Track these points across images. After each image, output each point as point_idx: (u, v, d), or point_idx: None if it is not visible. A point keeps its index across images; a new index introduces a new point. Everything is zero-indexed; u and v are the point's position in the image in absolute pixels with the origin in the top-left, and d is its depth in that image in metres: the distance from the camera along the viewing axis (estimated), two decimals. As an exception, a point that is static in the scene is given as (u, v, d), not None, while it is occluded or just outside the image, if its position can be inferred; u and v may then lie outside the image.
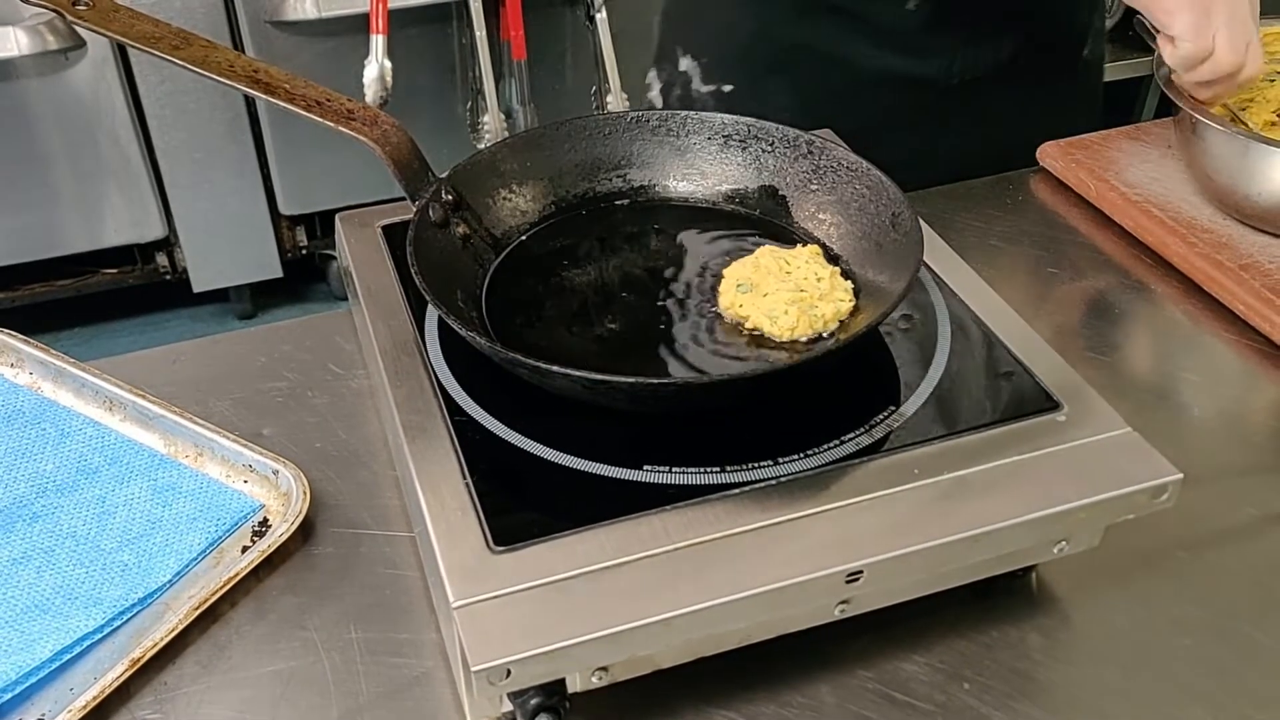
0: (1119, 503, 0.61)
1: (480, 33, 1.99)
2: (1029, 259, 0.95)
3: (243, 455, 0.73)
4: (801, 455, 0.62)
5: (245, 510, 0.71)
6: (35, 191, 2.09)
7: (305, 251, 2.37)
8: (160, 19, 0.73)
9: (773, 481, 0.61)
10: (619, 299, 0.74)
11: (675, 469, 0.61)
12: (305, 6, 2.01)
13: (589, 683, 0.58)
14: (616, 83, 2.06)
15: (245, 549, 0.69)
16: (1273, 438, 0.80)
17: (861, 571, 0.57)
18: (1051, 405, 0.65)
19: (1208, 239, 0.92)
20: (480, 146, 1.47)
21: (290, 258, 2.36)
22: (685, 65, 1.13)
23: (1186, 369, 0.86)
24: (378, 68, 1.88)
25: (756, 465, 0.62)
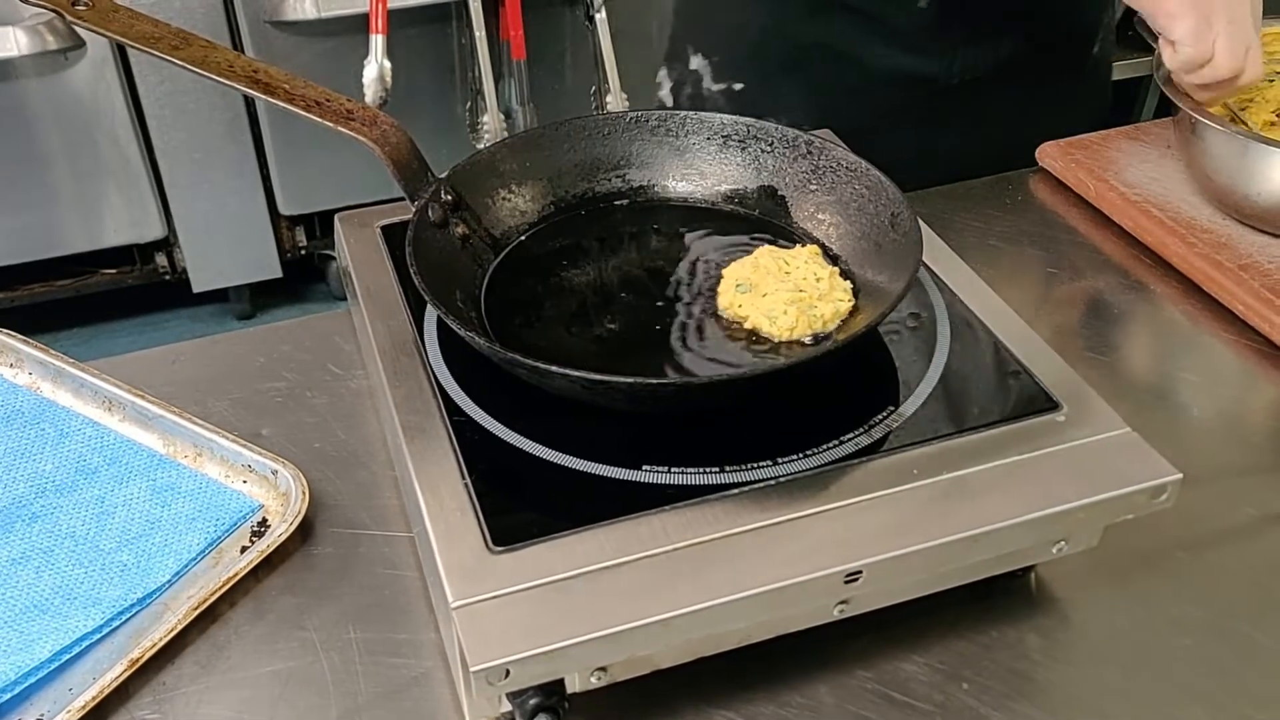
0: (1118, 503, 0.61)
1: (480, 33, 1.99)
2: (1028, 259, 0.95)
3: (242, 455, 0.73)
4: (800, 455, 0.62)
5: (244, 510, 0.71)
6: (35, 191, 2.09)
7: (305, 252, 2.37)
8: (159, 19, 0.73)
9: (772, 482, 0.61)
10: (618, 299, 0.74)
11: (674, 469, 0.61)
12: (305, 6, 2.01)
13: (588, 683, 0.58)
14: (616, 83, 2.06)
15: (244, 549, 0.69)
16: (1272, 438, 0.80)
17: (860, 572, 0.57)
18: (1051, 405, 0.65)
19: (1207, 239, 0.92)
20: (479, 146, 1.47)
21: (290, 258, 2.36)
22: (696, 64, 1.13)
23: (1186, 369, 0.86)
24: (377, 68, 1.88)
25: (755, 465, 0.61)
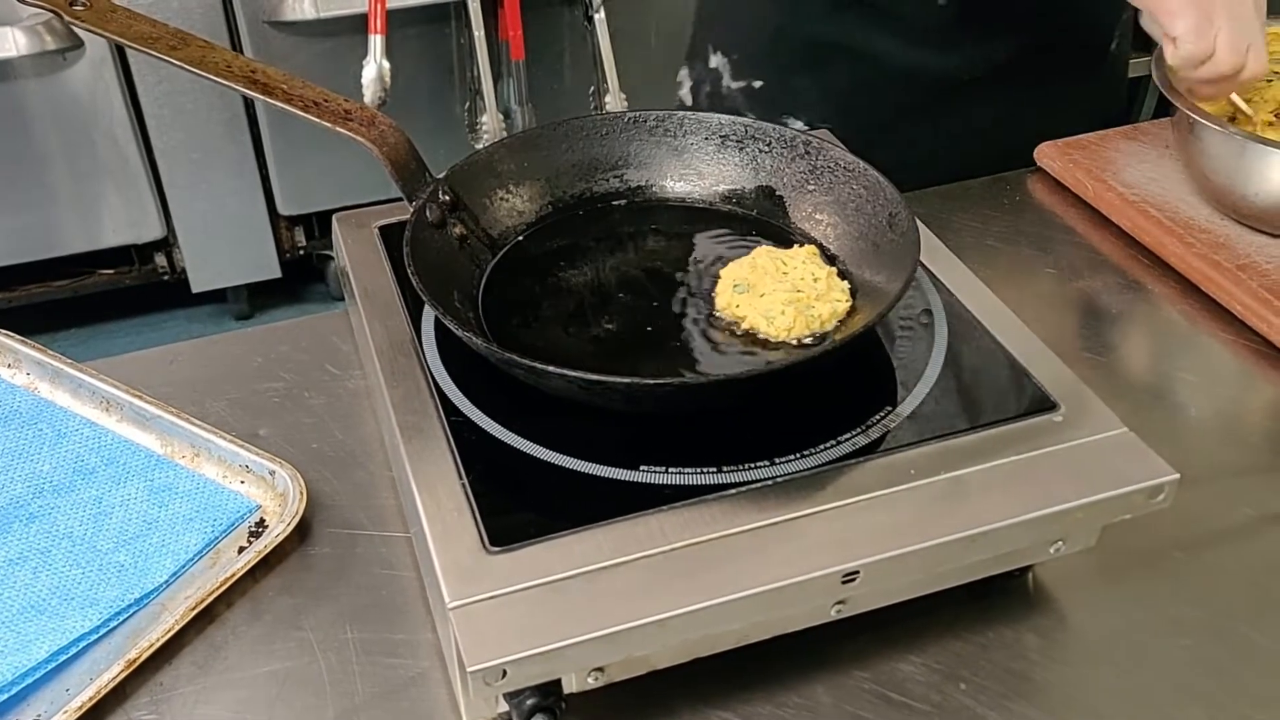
0: (1115, 503, 0.61)
1: (478, 33, 1.99)
2: (1026, 259, 0.95)
3: (239, 456, 0.73)
4: (798, 455, 0.62)
5: (242, 511, 0.71)
6: (33, 192, 2.09)
7: (304, 252, 2.37)
8: (157, 19, 0.73)
9: (769, 482, 0.61)
10: (616, 299, 0.74)
11: (672, 469, 0.61)
12: (303, 7, 2.01)
13: (585, 683, 0.58)
14: (615, 83, 2.06)
15: (242, 549, 0.69)
16: (1269, 438, 0.80)
17: (858, 572, 0.57)
18: (1048, 405, 0.65)
19: (1205, 239, 0.92)
20: (478, 147, 1.47)
21: (289, 258, 2.36)
22: (716, 62, 1.13)
23: (1183, 369, 0.86)
24: (376, 68, 1.88)
25: (753, 465, 0.61)
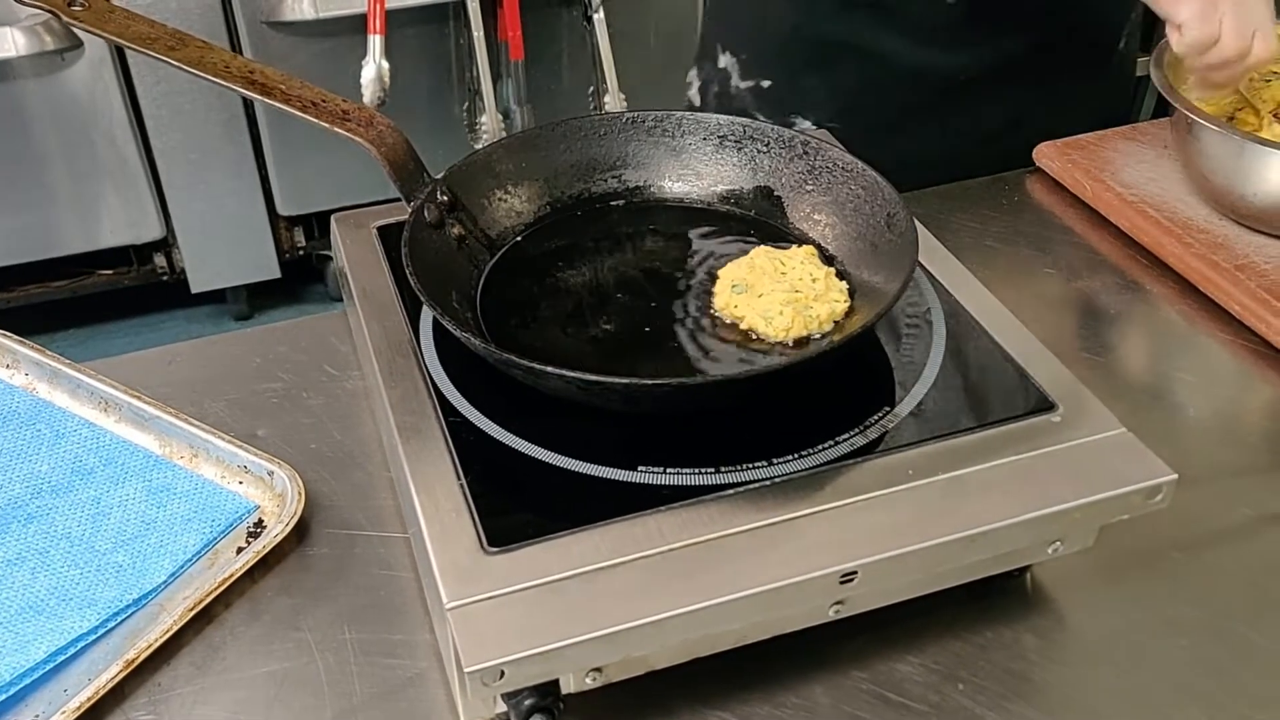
0: (1114, 503, 0.61)
1: (478, 33, 1.99)
2: (1025, 259, 0.95)
3: (238, 456, 0.73)
4: (796, 456, 0.62)
5: (240, 511, 0.71)
6: (32, 192, 2.09)
7: (303, 252, 2.37)
8: (156, 20, 0.73)
9: (767, 482, 0.61)
10: (614, 300, 0.74)
11: (670, 470, 0.61)
12: (303, 7, 2.01)
13: (583, 684, 0.58)
14: (614, 83, 2.06)
15: (240, 550, 0.69)
16: (1268, 438, 0.81)
17: (856, 572, 0.57)
18: (1046, 406, 0.65)
19: (1204, 239, 0.92)
20: (477, 147, 1.47)
21: (288, 258, 2.36)
22: (724, 62, 1.13)
23: (1182, 369, 0.86)
24: (375, 68, 1.88)
25: (751, 466, 0.61)
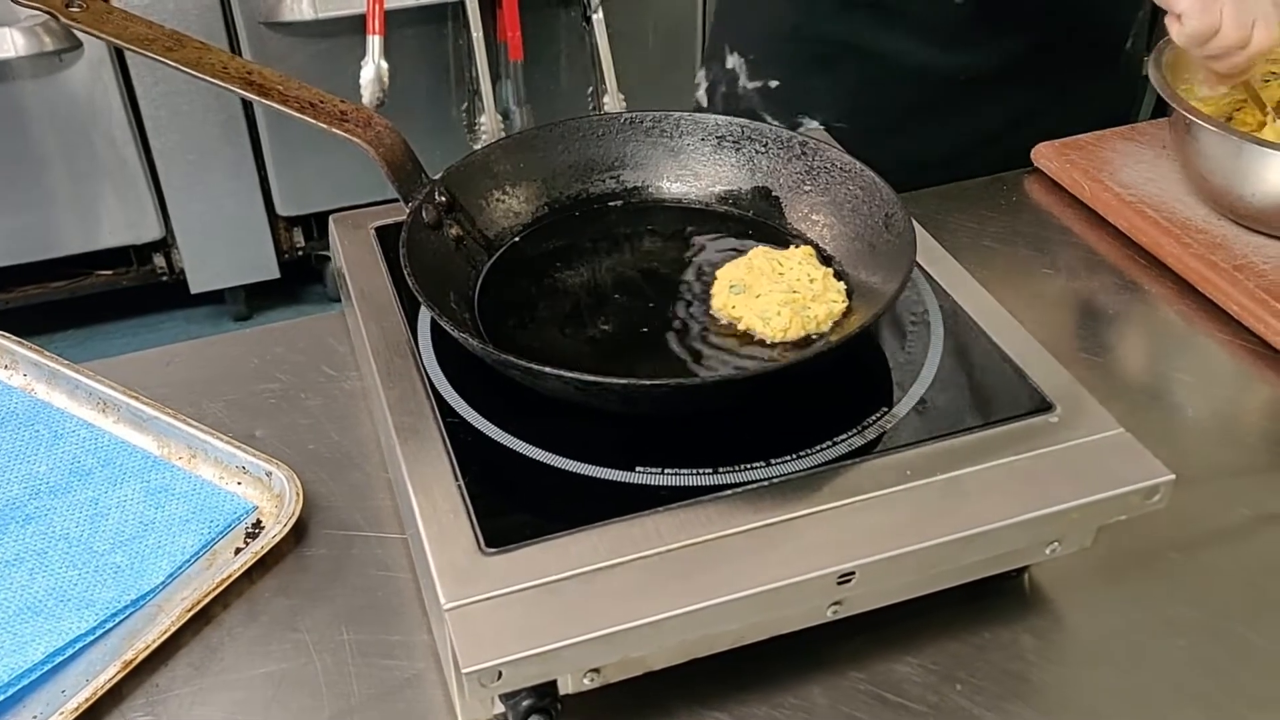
0: (1111, 504, 0.61)
1: (477, 34, 1.99)
2: (1023, 260, 0.95)
3: (236, 457, 0.73)
4: (794, 456, 0.62)
5: (238, 512, 0.71)
6: (31, 193, 2.09)
7: (302, 253, 2.37)
8: (154, 20, 0.73)
9: (765, 483, 0.61)
10: (612, 300, 0.74)
11: (667, 470, 0.61)
12: (301, 7, 2.01)
13: (581, 684, 0.58)
14: (613, 83, 2.06)
15: (238, 551, 0.69)
16: (1266, 438, 0.80)
17: (854, 573, 0.57)
18: (1044, 406, 0.65)
19: (1202, 240, 0.92)
20: (476, 147, 1.47)
21: (287, 259, 2.36)
22: (732, 63, 1.13)
23: (1180, 370, 0.86)
24: (374, 69, 1.88)
25: (749, 466, 0.61)
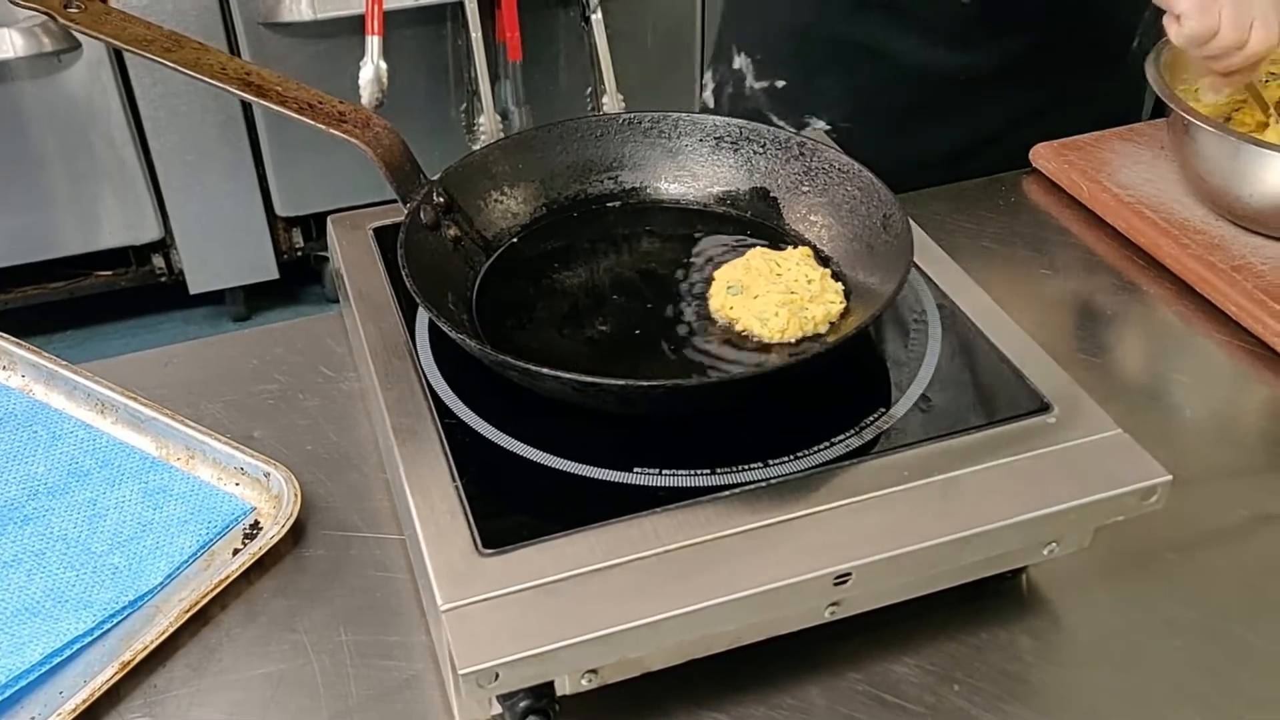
0: (1109, 504, 0.61)
1: (476, 34, 1.99)
2: (1021, 260, 0.95)
3: (234, 458, 0.73)
4: (791, 457, 0.62)
5: (236, 513, 0.71)
6: (30, 193, 2.09)
7: (301, 253, 2.37)
8: (152, 21, 0.73)
9: (763, 484, 0.61)
10: (610, 301, 0.74)
11: (665, 471, 0.61)
12: (300, 8, 2.01)
13: (578, 685, 0.58)
14: (612, 84, 2.06)
15: (236, 551, 0.69)
16: (1264, 439, 0.81)
17: (851, 574, 0.57)
18: (1042, 407, 0.65)
19: (1200, 240, 0.92)
20: (475, 148, 1.47)
21: (286, 259, 2.36)
22: (739, 63, 1.13)
23: (1178, 370, 0.86)
24: (373, 69, 1.88)
25: (746, 467, 0.61)
